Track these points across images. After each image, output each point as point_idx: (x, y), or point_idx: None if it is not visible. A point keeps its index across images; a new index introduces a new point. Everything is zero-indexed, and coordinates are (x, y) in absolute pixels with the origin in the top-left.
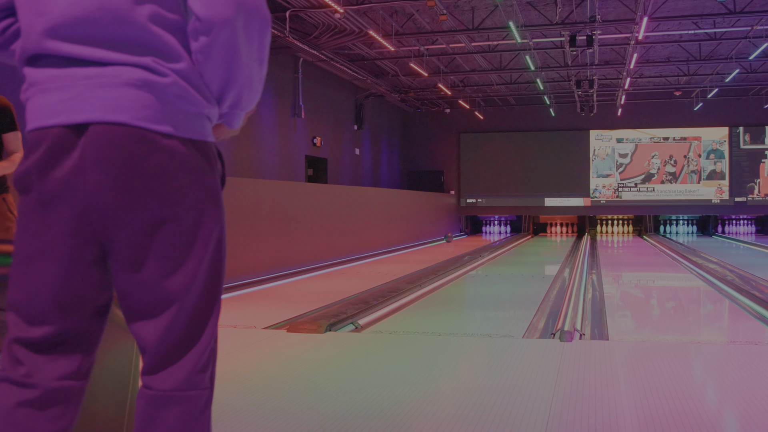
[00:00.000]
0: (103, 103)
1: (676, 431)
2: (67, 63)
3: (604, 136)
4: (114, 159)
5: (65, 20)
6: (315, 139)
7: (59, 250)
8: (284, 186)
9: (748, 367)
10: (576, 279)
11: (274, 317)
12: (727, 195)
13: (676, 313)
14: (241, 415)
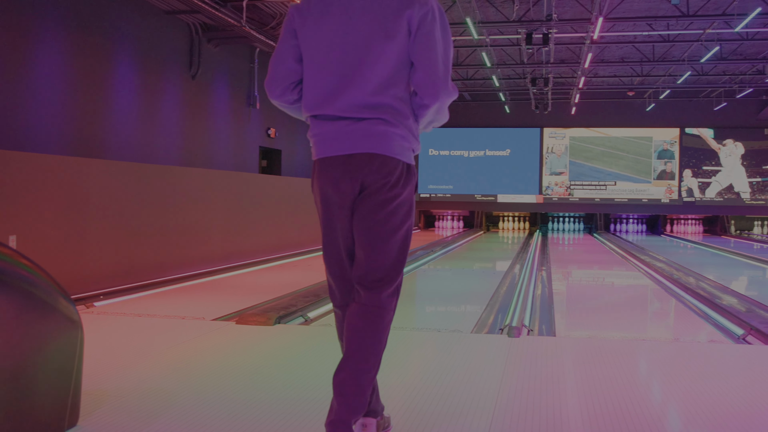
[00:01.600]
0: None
1: (622, 427)
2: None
3: (558, 134)
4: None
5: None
6: (269, 130)
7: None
8: (237, 177)
9: (691, 364)
10: (526, 275)
11: (224, 309)
12: (676, 195)
13: (623, 310)
14: (186, 406)
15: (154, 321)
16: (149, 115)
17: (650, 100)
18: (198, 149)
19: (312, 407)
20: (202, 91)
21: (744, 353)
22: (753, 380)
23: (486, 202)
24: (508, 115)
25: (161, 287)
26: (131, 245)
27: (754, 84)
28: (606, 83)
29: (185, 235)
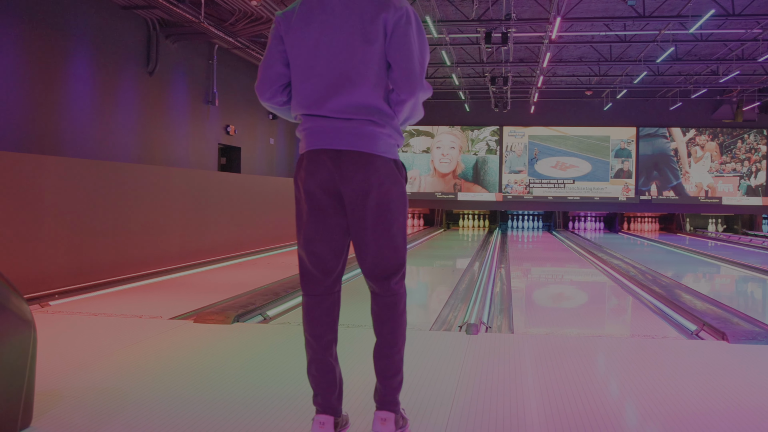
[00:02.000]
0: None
1: (580, 422)
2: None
3: (518, 132)
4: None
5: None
6: (229, 127)
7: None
8: (195, 174)
9: (646, 360)
10: (485, 273)
11: (182, 307)
12: (633, 193)
13: (580, 307)
14: (142, 406)
15: (111, 320)
16: (105, 112)
17: (608, 100)
18: (156, 146)
19: (270, 405)
20: (160, 87)
21: (696, 349)
22: (705, 375)
23: (446, 200)
24: (468, 113)
25: (118, 286)
26: (87, 244)
27: (708, 84)
28: (564, 83)
29: (143, 233)
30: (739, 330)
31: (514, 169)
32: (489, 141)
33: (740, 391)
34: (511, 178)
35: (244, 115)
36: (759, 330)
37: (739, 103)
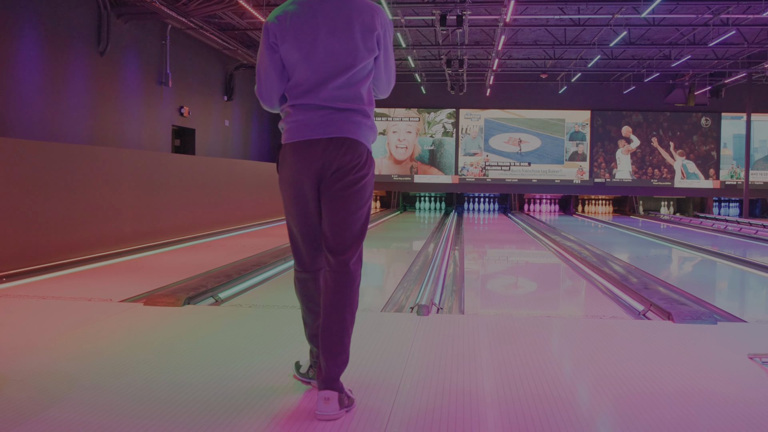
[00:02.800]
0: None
1: (532, 401)
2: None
3: (473, 115)
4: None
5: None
6: (183, 108)
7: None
8: (148, 156)
9: (595, 340)
10: (439, 254)
11: (133, 290)
12: (587, 176)
13: (532, 289)
14: (89, 389)
15: (59, 303)
16: (55, 93)
17: (563, 83)
18: (108, 128)
19: (219, 386)
20: (111, 68)
21: (642, 328)
22: (650, 354)
23: (402, 183)
24: (424, 95)
25: (68, 269)
26: (36, 226)
27: (661, 69)
28: (520, 66)
29: (94, 215)
30: (683, 310)
31: (470, 152)
32: (445, 123)
33: (683, 370)
34: (467, 161)
35: (199, 97)
36: (704, 310)
37: (691, 87)
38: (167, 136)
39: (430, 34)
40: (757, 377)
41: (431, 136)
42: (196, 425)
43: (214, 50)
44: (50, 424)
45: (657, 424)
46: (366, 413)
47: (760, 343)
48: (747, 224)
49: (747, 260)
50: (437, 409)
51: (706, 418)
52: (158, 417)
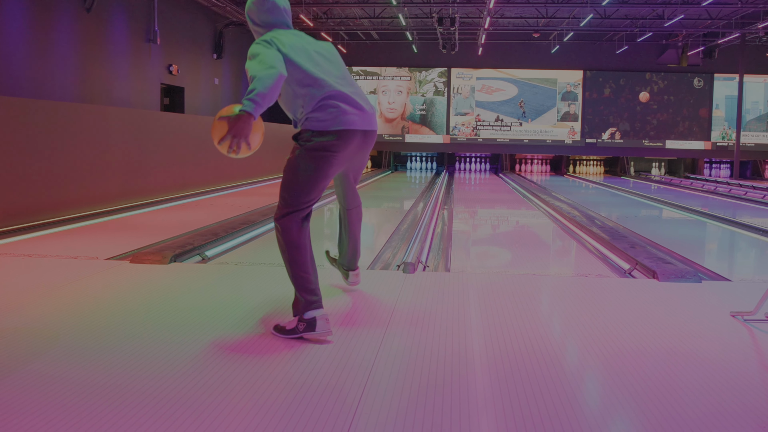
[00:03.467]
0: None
1: (519, 358)
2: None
3: (465, 74)
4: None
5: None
6: (171, 66)
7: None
8: (136, 114)
9: (581, 297)
10: (428, 214)
11: (119, 248)
12: (579, 136)
13: (520, 248)
14: (71, 344)
15: (45, 261)
16: (41, 50)
17: (555, 43)
18: (96, 86)
19: (204, 340)
20: (98, 25)
21: (627, 286)
22: (634, 312)
23: (394, 142)
24: (416, 54)
25: (54, 228)
26: (23, 184)
27: (654, 28)
28: (512, 24)
29: (81, 173)
30: (668, 269)
31: (461, 111)
32: (437, 82)
33: (667, 328)
34: (458, 120)
35: (188, 55)
36: (688, 269)
37: (684, 48)
38: (156, 95)
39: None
40: (738, 335)
41: (422, 95)
42: (180, 380)
43: (203, 7)
44: (33, 377)
45: (642, 382)
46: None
47: (743, 302)
48: (737, 185)
49: (735, 221)
50: (418, 367)
51: (689, 377)
52: (140, 372)
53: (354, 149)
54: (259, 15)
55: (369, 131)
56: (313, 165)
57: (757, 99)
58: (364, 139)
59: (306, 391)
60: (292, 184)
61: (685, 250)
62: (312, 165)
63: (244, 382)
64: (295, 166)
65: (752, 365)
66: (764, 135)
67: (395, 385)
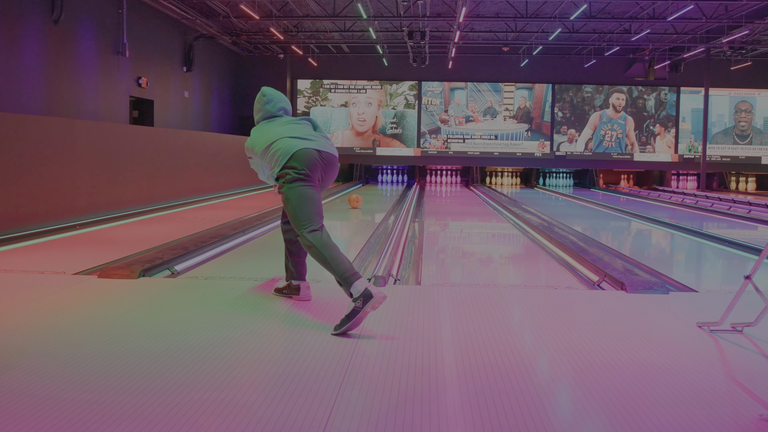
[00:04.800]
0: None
1: (490, 371)
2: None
3: (435, 88)
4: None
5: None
6: (140, 79)
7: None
8: (104, 127)
9: (550, 310)
10: (398, 227)
11: (87, 263)
12: (548, 149)
13: (491, 261)
14: (37, 361)
15: (10, 276)
16: (6, 62)
17: (524, 56)
18: (63, 99)
19: (174, 355)
20: (65, 37)
21: (596, 298)
22: (602, 324)
23: (365, 155)
24: (386, 67)
25: (20, 242)
26: None
27: (621, 42)
28: (482, 38)
29: (48, 187)
30: (636, 281)
31: (437, 122)
32: (407, 95)
33: (635, 340)
34: (429, 134)
35: (157, 68)
36: (656, 280)
37: (651, 62)
38: (125, 108)
39: (392, 5)
40: (704, 346)
41: (393, 108)
42: (145, 395)
43: (172, 20)
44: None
45: (611, 394)
46: (321, 377)
47: (709, 312)
48: (704, 197)
49: (702, 232)
50: (389, 380)
51: (657, 388)
52: (107, 387)
53: (316, 166)
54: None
55: (324, 152)
56: (296, 191)
57: (722, 112)
58: (321, 158)
59: (276, 404)
60: (295, 212)
61: (653, 261)
62: (295, 192)
63: (210, 402)
64: (287, 199)
65: (718, 376)
66: (729, 147)
67: (366, 399)
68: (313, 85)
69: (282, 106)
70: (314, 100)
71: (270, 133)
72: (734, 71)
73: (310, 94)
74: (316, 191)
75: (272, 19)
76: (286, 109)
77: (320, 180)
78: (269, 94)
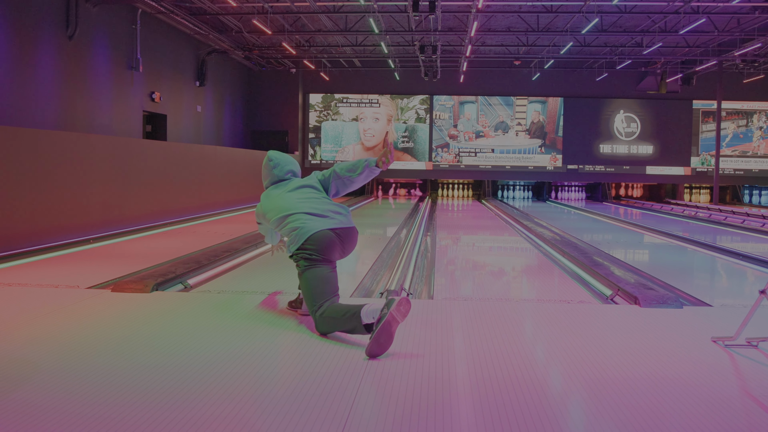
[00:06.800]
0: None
1: (504, 386)
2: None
3: (447, 103)
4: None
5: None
6: (154, 94)
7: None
8: (118, 142)
9: (564, 324)
10: (411, 240)
11: (101, 277)
12: (560, 162)
13: (503, 274)
14: (51, 375)
15: (25, 290)
16: (22, 77)
17: (536, 70)
18: (78, 114)
19: (185, 370)
20: (80, 52)
21: (610, 313)
22: (616, 338)
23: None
24: (398, 81)
25: (35, 256)
26: (2, 213)
27: (633, 56)
28: (493, 52)
29: (62, 202)
30: (650, 295)
31: (446, 137)
32: (418, 109)
33: (649, 354)
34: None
35: (170, 82)
36: (670, 295)
37: (663, 75)
38: (138, 122)
39: (404, 20)
40: (719, 360)
41: (404, 122)
42: (156, 410)
43: (185, 35)
44: (15, 406)
45: (626, 409)
46: (334, 391)
47: (724, 327)
48: (717, 210)
49: (715, 246)
50: (402, 395)
51: (672, 404)
52: (119, 402)
53: (333, 247)
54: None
55: (339, 229)
56: (309, 273)
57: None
58: (339, 237)
59: (288, 421)
60: (308, 292)
61: (666, 275)
62: (308, 274)
63: (221, 418)
64: (301, 276)
65: (734, 391)
66: (742, 160)
67: (379, 413)
68: (324, 99)
69: (290, 168)
70: (325, 114)
71: (283, 201)
72: (746, 84)
73: (322, 108)
74: (329, 269)
75: (284, 33)
76: (294, 171)
77: (340, 252)
78: (276, 158)
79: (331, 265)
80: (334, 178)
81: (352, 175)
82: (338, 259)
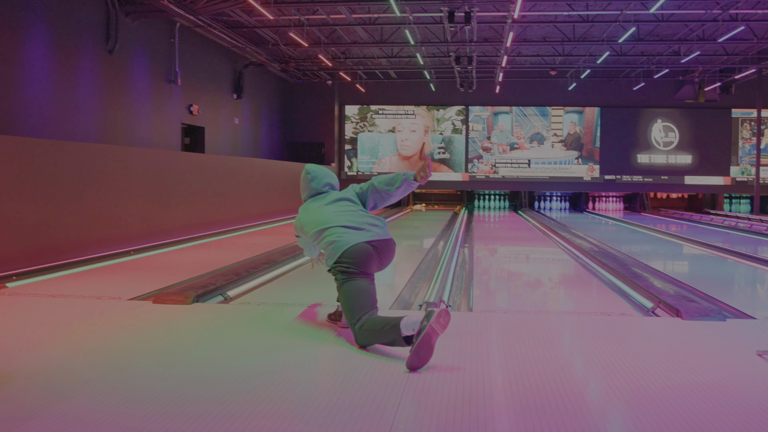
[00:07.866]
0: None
1: (544, 397)
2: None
3: (483, 113)
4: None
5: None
6: (192, 107)
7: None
8: (157, 154)
9: (605, 336)
10: (448, 252)
11: (142, 288)
12: (597, 173)
13: (541, 286)
14: (95, 385)
15: (68, 301)
16: (64, 91)
17: (572, 80)
18: (118, 126)
19: (224, 382)
20: (120, 66)
21: (651, 325)
22: (658, 350)
23: None
24: (434, 93)
25: (77, 267)
26: (46, 225)
27: (670, 65)
28: (529, 62)
29: (103, 214)
30: (692, 307)
31: (480, 149)
32: (455, 120)
33: (692, 366)
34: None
35: (208, 95)
36: (712, 307)
37: (701, 84)
38: (177, 135)
39: (439, 31)
40: (766, 375)
41: (440, 133)
42: (196, 422)
43: (222, 48)
44: (57, 418)
45: (668, 417)
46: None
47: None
48: (758, 221)
49: (757, 257)
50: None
51: (717, 418)
52: (158, 414)
53: (370, 260)
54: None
55: (377, 241)
56: (347, 286)
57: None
58: (376, 250)
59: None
60: (346, 305)
61: (708, 287)
62: (346, 287)
63: (265, 429)
64: (339, 290)
65: None
66: None
67: (421, 426)
68: (360, 110)
69: (327, 181)
70: (362, 126)
71: (321, 214)
72: None
73: (358, 120)
74: (367, 282)
75: (320, 46)
76: (331, 184)
77: (378, 265)
78: (313, 171)
79: (368, 277)
80: (372, 192)
81: (391, 188)
82: (376, 271)
